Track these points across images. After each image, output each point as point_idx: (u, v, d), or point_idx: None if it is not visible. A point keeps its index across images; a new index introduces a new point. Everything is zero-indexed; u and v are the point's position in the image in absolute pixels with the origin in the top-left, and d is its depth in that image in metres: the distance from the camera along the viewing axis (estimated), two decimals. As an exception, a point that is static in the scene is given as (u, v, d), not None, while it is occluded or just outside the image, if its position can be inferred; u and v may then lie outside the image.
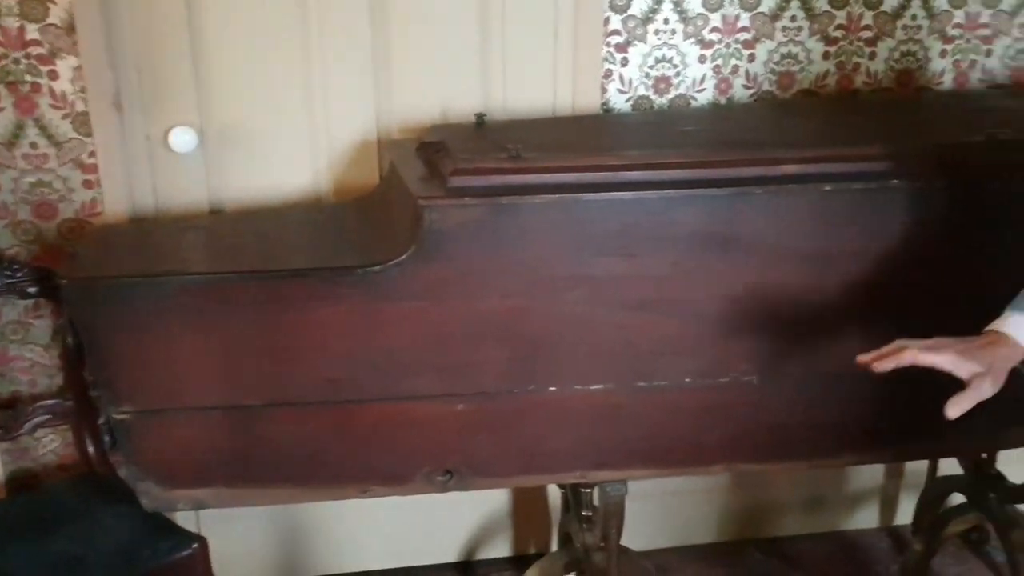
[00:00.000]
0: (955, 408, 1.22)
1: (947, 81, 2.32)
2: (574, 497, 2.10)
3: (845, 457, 1.90)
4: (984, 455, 2.23)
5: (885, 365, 1.26)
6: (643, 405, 1.76)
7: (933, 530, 2.31)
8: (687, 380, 1.76)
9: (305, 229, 1.96)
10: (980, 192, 1.73)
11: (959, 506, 2.31)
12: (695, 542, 2.60)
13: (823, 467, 1.92)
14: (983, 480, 2.25)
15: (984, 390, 1.23)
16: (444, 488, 1.78)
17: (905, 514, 2.59)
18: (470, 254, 1.63)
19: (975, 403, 1.23)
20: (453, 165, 1.66)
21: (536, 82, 2.12)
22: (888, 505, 2.67)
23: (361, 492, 1.79)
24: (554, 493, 2.44)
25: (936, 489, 2.40)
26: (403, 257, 1.62)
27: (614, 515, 1.90)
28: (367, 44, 2.05)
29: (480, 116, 2.00)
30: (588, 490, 2.03)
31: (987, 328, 1.31)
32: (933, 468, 2.43)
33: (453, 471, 1.77)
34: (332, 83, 2.06)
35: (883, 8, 2.22)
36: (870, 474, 2.60)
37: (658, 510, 2.51)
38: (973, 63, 2.31)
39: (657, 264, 1.69)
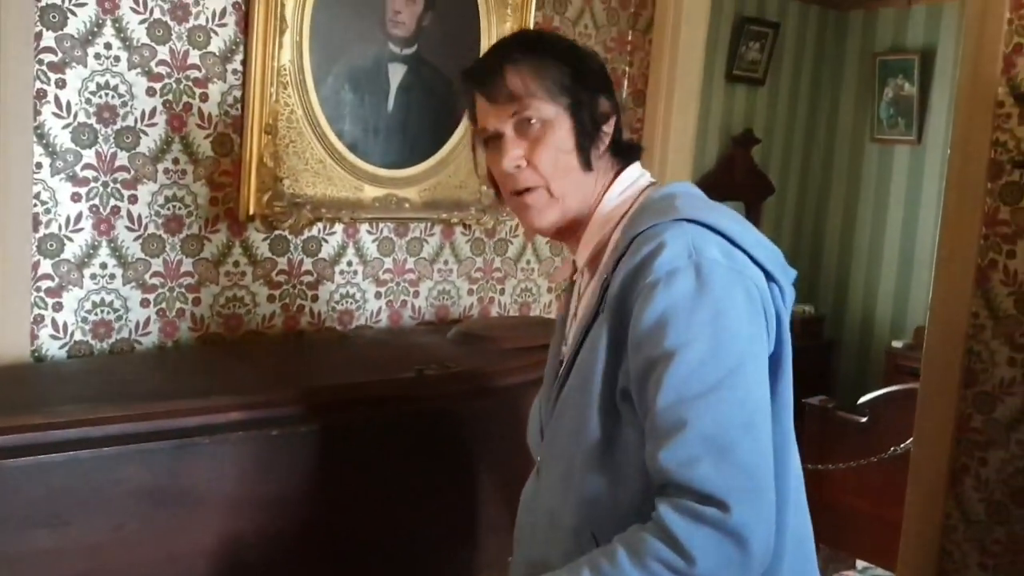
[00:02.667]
0: None
1: (383, 319, 2.54)
2: None
3: None
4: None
5: None
6: None
7: None
8: (137, 658, 1.58)
9: None
10: (413, 426, 1.88)
11: None
12: None
13: None
14: None
15: None
16: None
17: None
18: None
19: None
20: None
21: (-53, 331, 1.88)
22: None
23: None
24: None
25: None
26: None
27: None
28: None
29: None
30: None
31: None
32: None
33: None
34: None
35: (321, 255, 2.39)
36: None
37: None
38: (404, 303, 2.58)
39: (95, 530, 1.53)
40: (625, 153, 1.30)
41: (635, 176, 1.29)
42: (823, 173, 5.79)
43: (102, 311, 2.07)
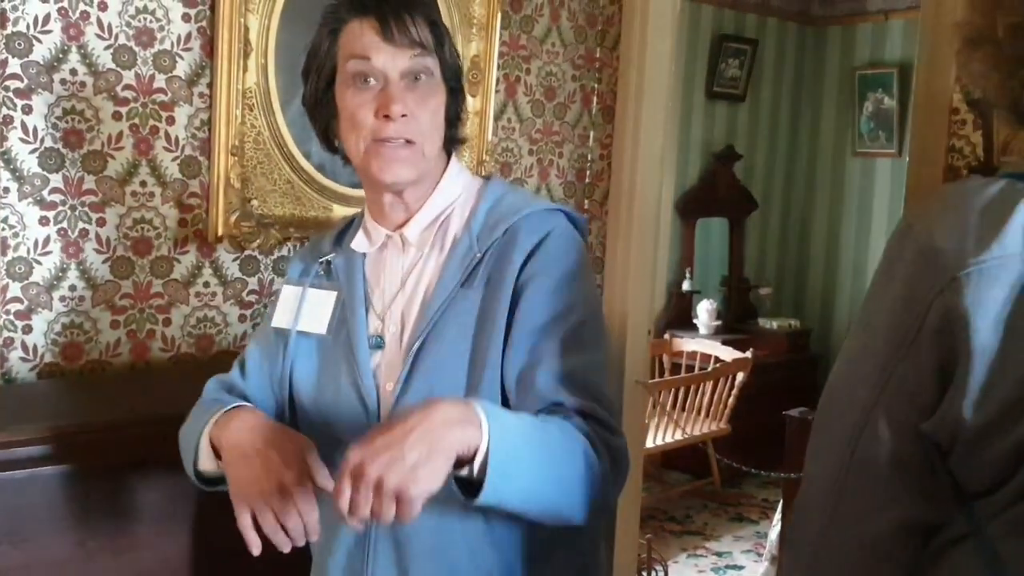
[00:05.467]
0: None
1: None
2: None
3: None
4: None
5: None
6: None
7: None
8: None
9: None
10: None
11: None
12: None
13: None
14: None
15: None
16: None
17: None
18: None
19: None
20: None
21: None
22: None
23: None
24: None
25: None
26: None
27: None
28: None
29: None
30: None
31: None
32: None
33: None
34: None
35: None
36: None
37: None
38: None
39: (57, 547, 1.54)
40: (453, 146, 1.38)
41: (459, 166, 1.39)
42: (806, 188, 5.83)
43: (72, 333, 2.09)
